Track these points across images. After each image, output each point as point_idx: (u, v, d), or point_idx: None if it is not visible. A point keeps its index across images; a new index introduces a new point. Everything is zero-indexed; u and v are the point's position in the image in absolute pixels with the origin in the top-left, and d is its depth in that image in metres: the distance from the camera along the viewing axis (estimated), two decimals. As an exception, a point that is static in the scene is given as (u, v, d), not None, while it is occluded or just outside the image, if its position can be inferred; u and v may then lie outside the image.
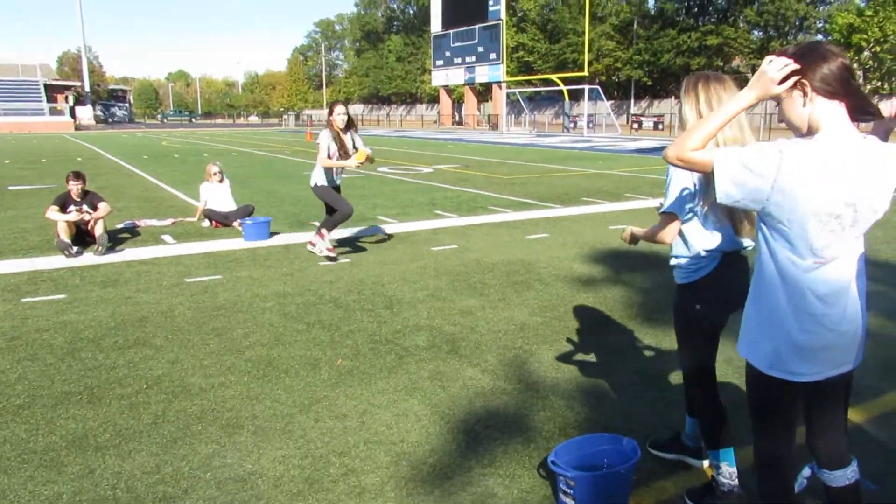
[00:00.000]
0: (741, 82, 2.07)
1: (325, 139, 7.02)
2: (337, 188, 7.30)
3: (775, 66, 1.88)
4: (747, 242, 2.68)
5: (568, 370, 4.21)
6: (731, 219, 2.60)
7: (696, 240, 2.66)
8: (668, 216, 2.70)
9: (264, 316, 5.31)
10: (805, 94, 1.90)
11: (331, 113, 7.18)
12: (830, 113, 1.89)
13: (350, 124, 7.20)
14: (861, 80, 41.10)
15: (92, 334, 4.89)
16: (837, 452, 2.17)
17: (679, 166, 2.01)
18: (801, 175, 1.83)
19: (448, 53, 59.10)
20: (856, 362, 2.06)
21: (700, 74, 2.63)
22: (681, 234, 2.71)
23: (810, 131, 1.92)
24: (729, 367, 4.22)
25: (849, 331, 1.98)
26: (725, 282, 2.66)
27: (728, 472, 2.75)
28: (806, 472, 2.22)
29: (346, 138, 7.19)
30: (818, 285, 1.92)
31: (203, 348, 4.60)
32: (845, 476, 2.16)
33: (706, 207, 2.60)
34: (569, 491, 2.60)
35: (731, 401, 3.56)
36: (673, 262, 2.80)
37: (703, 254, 2.65)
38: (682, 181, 2.61)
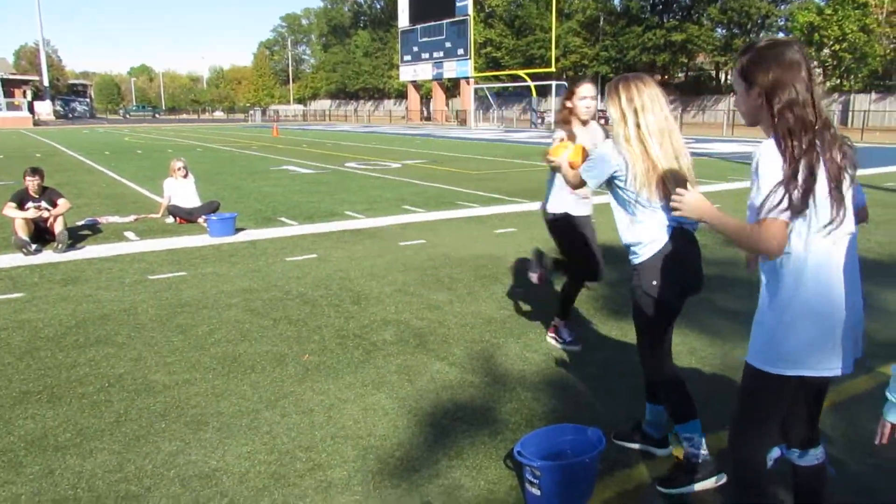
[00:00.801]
0: (706, 79, 2.13)
1: (558, 138, 4.06)
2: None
3: (691, 197, 2.10)
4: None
5: (534, 362, 4.25)
6: (667, 198, 2.65)
7: (641, 216, 2.77)
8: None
9: (230, 312, 5.25)
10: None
11: (570, 96, 4.19)
12: None
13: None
14: (821, 78, 42.15)
15: (52, 333, 4.78)
16: (809, 435, 2.28)
17: (781, 249, 1.95)
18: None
19: (416, 49, 58.95)
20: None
21: (621, 77, 2.81)
22: (629, 210, 2.81)
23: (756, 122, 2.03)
24: (692, 357, 4.29)
25: (857, 326, 2.06)
26: (678, 260, 2.76)
27: (699, 443, 2.84)
28: (775, 452, 2.30)
29: (586, 135, 4.16)
30: (829, 286, 1.97)
31: (167, 345, 4.53)
32: (815, 456, 2.28)
33: (638, 188, 2.71)
34: (535, 481, 2.63)
35: (697, 395, 3.62)
36: (625, 240, 2.87)
37: (650, 228, 2.75)
38: (608, 163, 2.77)
